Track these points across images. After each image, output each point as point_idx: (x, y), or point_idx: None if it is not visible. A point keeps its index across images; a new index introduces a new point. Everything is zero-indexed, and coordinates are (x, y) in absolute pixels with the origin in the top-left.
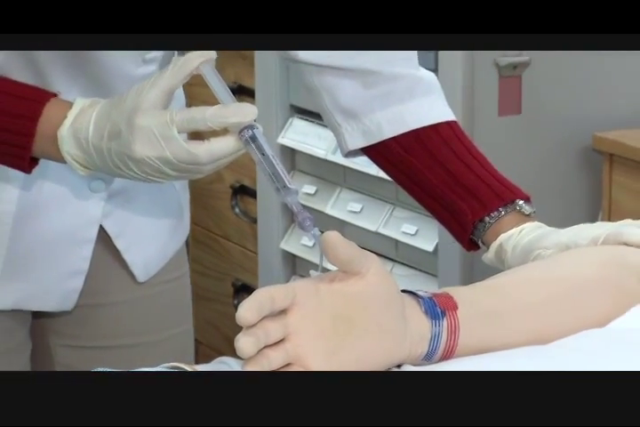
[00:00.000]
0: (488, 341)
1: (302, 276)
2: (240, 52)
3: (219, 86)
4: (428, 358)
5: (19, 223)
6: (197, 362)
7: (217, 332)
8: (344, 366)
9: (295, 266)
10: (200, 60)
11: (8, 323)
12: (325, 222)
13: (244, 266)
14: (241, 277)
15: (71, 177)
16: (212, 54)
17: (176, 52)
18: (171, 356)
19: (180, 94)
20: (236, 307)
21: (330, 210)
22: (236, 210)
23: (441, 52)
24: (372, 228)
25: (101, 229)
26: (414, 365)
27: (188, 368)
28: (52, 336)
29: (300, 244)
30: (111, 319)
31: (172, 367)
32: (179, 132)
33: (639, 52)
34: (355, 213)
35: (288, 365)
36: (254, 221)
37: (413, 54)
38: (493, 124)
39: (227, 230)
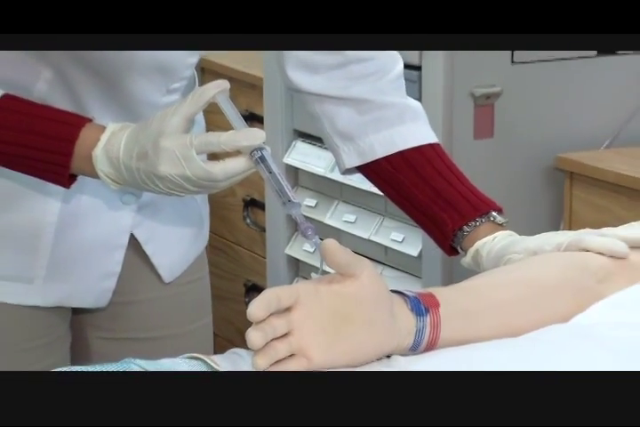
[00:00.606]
0: (466, 334)
1: (305, 278)
2: (251, 84)
3: (232, 113)
4: (414, 349)
5: (60, 232)
6: (215, 353)
7: (231, 326)
8: (341, 357)
9: (298, 269)
10: (216, 91)
11: (51, 318)
12: (324, 231)
13: (254, 269)
14: (251, 278)
15: (105, 191)
16: (227, 85)
17: (197, 84)
18: (192, 347)
19: (201, 119)
20: (247, 305)
21: (328, 220)
22: (247, 220)
23: (424, 85)
24: (365, 236)
25: (132, 237)
26: (402, 355)
27: (206, 358)
28: (89, 329)
29: (302, 250)
30: (140, 315)
31: (192, 357)
32: (197, 154)
33: (598, 84)
34: (350, 223)
35: (292, 355)
36: (263, 229)
37: (402, 85)
38: (470, 146)
39: (239, 238)
